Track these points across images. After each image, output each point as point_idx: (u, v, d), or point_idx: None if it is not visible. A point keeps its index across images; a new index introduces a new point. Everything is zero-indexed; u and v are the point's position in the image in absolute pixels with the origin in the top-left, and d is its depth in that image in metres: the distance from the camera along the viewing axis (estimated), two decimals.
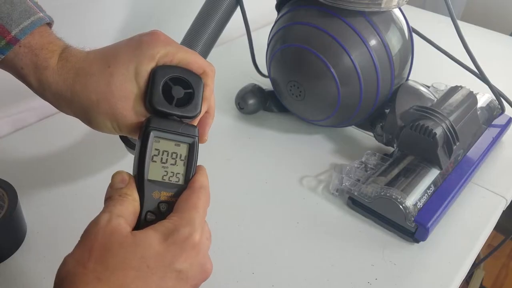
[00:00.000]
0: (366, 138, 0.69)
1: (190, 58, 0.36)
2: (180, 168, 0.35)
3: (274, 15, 0.68)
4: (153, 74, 0.35)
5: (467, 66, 0.65)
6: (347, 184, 0.57)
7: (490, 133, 0.66)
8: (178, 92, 0.35)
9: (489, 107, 0.69)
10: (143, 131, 0.34)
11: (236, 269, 0.48)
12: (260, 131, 0.70)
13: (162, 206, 0.34)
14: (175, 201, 0.34)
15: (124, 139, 0.54)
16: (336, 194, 0.58)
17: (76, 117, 0.37)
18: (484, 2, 1.54)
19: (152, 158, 0.34)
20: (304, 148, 0.67)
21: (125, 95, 0.34)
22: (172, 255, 0.30)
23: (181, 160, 0.35)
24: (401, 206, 0.51)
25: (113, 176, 0.33)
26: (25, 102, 0.68)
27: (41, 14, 0.35)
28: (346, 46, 0.57)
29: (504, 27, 1.28)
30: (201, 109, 0.36)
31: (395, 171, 0.56)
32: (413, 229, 0.51)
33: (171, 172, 0.35)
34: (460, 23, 0.61)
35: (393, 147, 0.63)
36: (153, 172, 0.34)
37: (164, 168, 0.34)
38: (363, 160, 0.61)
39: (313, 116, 0.67)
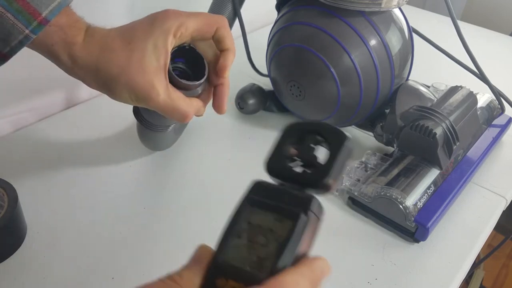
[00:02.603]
0: (366, 138, 0.69)
1: (201, 22, 0.40)
2: (270, 252, 0.25)
3: (274, 15, 0.68)
4: (285, 130, 0.29)
5: (467, 66, 0.65)
6: (347, 184, 0.57)
7: (490, 133, 0.66)
8: (308, 154, 0.28)
9: (489, 107, 0.69)
10: (243, 197, 0.27)
11: None
12: (260, 131, 0.70)
13: None
14: None
15: (136, 111, 0.54)
16: (336, 194, 0.58)
17: (99, 89, 0.40)
18: (484, 2, 1.54)
19: (238, 233, 0.26)
20: None
21: (143, 69, 0.38)
22: None
23: (277, 241, 0.25)
24: (401, 206, 0.51)
25: (196, 250, 0.28)
26: (25, 102, 0.68)
27: None
28: (346, 46, 0.57)
29: (504, 27, 1.28)
30: (330, 178, 0.27)
31: (395, 171, 0.56)
32: (413, 229, 0.51)
33: (257, 256, 0.25)
34: (460, 23, 0.61)
35: (393, 147, 0.63)
36: (232, 252, 0.26)
37: (249, 248, 0.26)
38: (363, 160, 0.61)
39: (313, 116, 0.67)
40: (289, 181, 0.27)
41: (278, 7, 0.67)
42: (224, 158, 0.64)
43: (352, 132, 0.71)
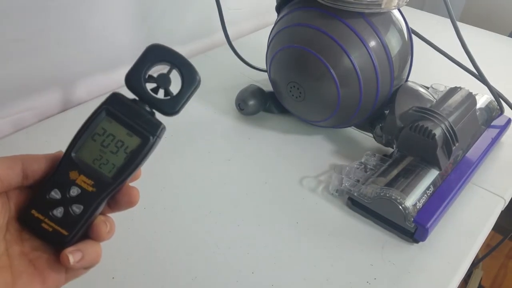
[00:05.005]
0: (366, 139, 0.69)
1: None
2: (118, 160, 0.31)
3: (274, 16, 0.68)
4: (147, 50, 0.31)
5: (466, 67, 0.65)
6: (346, 184, 0.57)
7: (489, 133, 0.67)
8: (164, 80, 0.31)
9: (488, 108, 0.69)
10: (99, 105, 0.31)
11: (236, 269, 0.49)
12: (260, 132, 0.70)
13: (73, 190, 0.30)
14: (92, 192, 0.30)
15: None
16: (336, 195, 0.58)
17: None
18: (482, 3, 1.54)
19: (93, 137, 0.31)
20: (304, 149, 0.67)
21: None
22: None
23: (125, 152, 0.31)
24: (400, 207, 0.51)
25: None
26: (25, 102, 0.68)
27: None
28: (346, 47, 0.58)
29: (503, 28, 1.28)
30: (180, 109, 0.31)
31: (395, 171, 0.56)
32: (412, 229, 0.52)
33: (106, 159, 0.31)
34: (459, 24, 0.62)
35: (392, 148, 0.63)
36: (86, 151, 0.31)
37: (101, 151, 0.31)
38: (362, 160, 0.61)
39: (313, 117, 0.67)
40: (143, 99, 0.31)
41: (278, 9, 0.67)
42: (224, 158, 0.64)
43: (351, 133, 0.71)
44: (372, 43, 0.58)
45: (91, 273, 0.47)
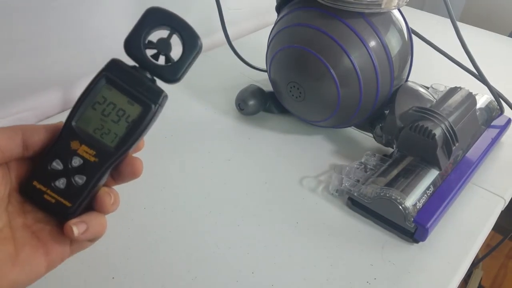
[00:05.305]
0: (366, 139, 0.69)
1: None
2: (120, 129, 0.30)
3: (274, 16, 0.68)
4: (146, 14, 0.30)
5: (466, 67, 0.65)
6: (346, 184, 0.57)
7: (489, 133, 0.67)
8: (164, 46, 0.30)
9: (488, 108, 0.69)
10: (99, 72, 0.30)
11: (236, 269, 0.49)
12: (260, 132, 0.70)
13: (75, 160, 0.30)
14: (95, 162, 0.30)
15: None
16: (336, 195, 0.58)
17: None
18: (482, 3, 1.54)
19: (93, 105, 0.30)
20: (304, 149, 0.67)
21: None
22: None
23: (126, 121, 0.30)
24: (400, 207, 0.51)
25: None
26: (24, 102, 0.68)
27: None
28: (346, 47, 0.58)
29: (503, 28, 1.28)
30: (182, 76, 0.30)
31: (395, 171, 0.56)
32: (412, 229, 0.52)
33: (108, 129, 0.30)
34: (459, 24, 0.62)
35: (392, 148, 0.63)
36: (86, 120, 0.30)
37: (102, 121, 0.30)
38: (362, 160, 0.61)
39: (313, 117, 0.67)
40: (143, 66, 0.30)
41: (278, 9, 0.67)
42: (224, 158, 0.64)
43: (351, 133, 0.71)
44: (372, 43, 0.58)
45: (91, 273, 0.47)
